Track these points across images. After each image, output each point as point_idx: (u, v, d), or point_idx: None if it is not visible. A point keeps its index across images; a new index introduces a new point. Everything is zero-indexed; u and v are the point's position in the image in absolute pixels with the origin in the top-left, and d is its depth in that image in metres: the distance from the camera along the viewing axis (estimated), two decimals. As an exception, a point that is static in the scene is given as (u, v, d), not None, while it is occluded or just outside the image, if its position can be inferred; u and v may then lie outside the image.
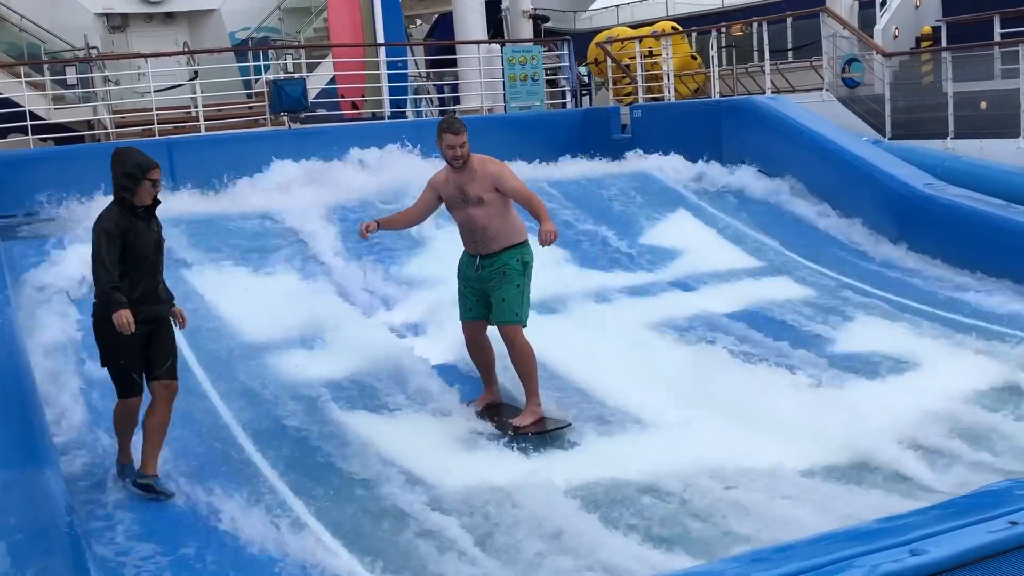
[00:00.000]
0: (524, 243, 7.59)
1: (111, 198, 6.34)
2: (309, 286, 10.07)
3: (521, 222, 7.65)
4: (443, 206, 7.75)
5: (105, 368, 6.43)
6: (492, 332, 7.77)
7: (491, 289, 7.52)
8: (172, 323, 6.53)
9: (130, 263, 6.20)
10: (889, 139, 14.41)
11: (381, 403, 7.85)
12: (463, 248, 7.74)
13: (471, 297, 7.67)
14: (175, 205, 10.51)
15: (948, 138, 13.80)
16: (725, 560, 4.89)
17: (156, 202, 6.38)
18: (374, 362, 8.40)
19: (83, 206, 10.88)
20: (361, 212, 11.45)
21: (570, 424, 7.49)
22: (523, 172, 13.44)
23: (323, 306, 9.41)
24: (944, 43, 15.63)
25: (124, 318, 6.06)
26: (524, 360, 7.53)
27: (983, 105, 13.84)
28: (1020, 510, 4.17)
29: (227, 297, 9.60)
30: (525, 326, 7.59)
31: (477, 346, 7.80)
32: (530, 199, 7.46)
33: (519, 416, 7.50)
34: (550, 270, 10.75)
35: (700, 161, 14.16)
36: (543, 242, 7.22)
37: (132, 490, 6.35)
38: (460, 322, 7.84)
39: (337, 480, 6.74)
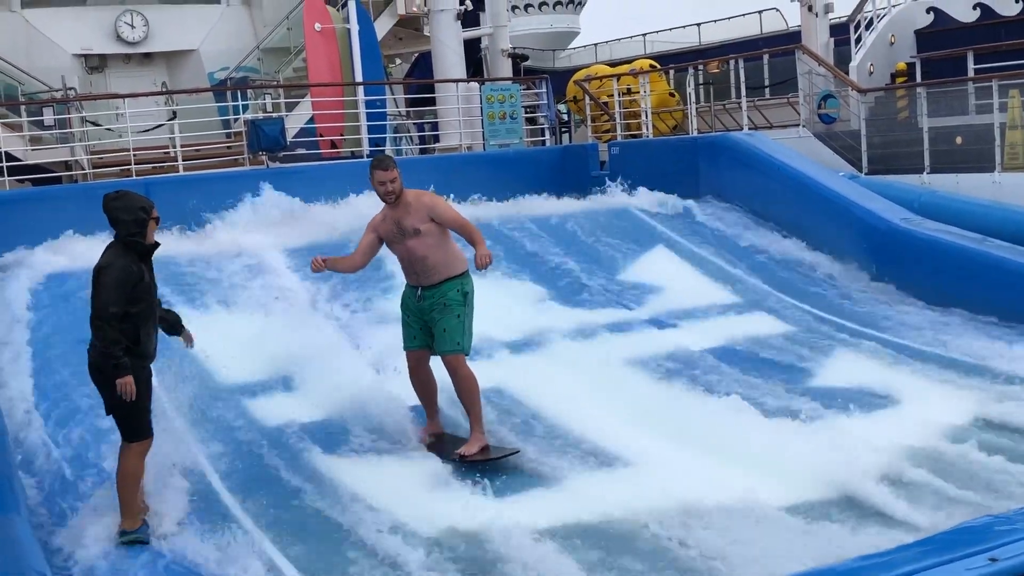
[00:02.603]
0: (464, 274, 7.72)
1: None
2: (284, 324, 9.97)
3: (460, 253, 7.78)
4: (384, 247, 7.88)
5: (110, 415, 6.34)
6: (436, 364, 7.82)
7: (433, 320, 7.64)
8: None
9: (143, 313, 6.20)
10: (866, 174, 14.48)
11: (357, 444, 7.79)
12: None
13: (414, 326, 7.79)
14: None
15: (924, 173, 13.87)
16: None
17: (157, 243, 6.42)
18: (351, 402, 8.31)
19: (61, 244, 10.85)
20: (336, 250, 11.39)
21: (518, 451, 7.58)
22: (502, 209, 13.52)
23: (298, 345, 9.32)
24: (919, 79, 15.76)
25: (130, 387, 6.06)
26: (467, 389, 7.63)
27: (958, 140, 13.93)
28: (1000, 546, 4.15)
29: (204, 337, 9.49)
30: (467, 355, 7.71)
31: (419, 376, 7.91)
32: (465, 226, 7.64)
33: (465, 445, 7.56)
34: (528, 306, 10.78)
35: (678, 197, 14.19)
36: (479, 265, 7.38)
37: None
38: (403, 352, 7.92)
39: (311, 522, 6.67)
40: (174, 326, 6.83)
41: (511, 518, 6.47)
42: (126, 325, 6.09)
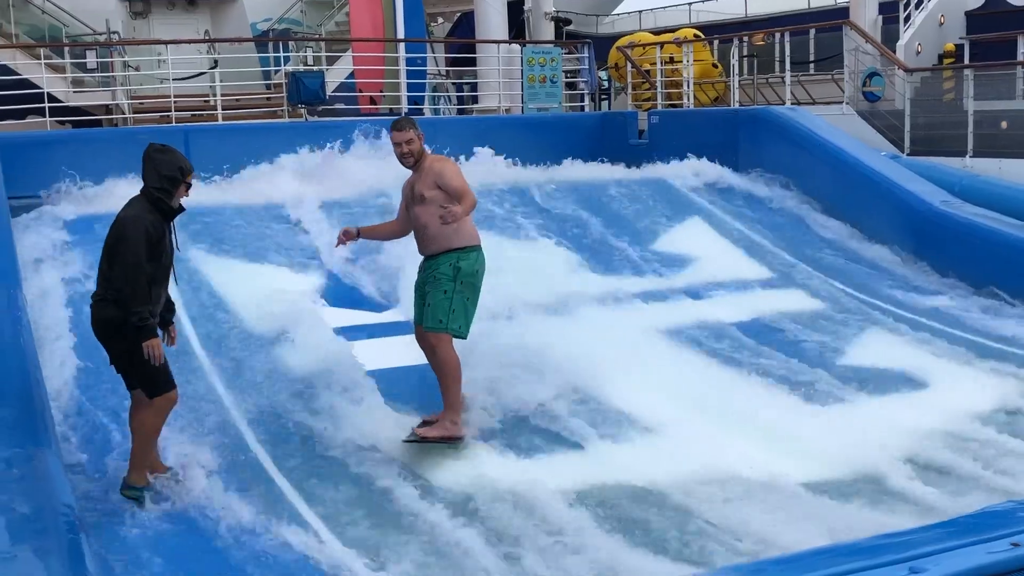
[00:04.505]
0: (465, 249, 7.22)
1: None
2: (308, 280, 9.98)
3: (468, 227, 7.29)
4: None
5: (122, 373, 6.20)
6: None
7: (426, 293, 7.25)
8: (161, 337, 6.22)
9: (155, 275, 6.02)
10: (908, 155, 14.33)
11: (390, 403, 7.80)
12: None
13: (416, 297, 7.46)
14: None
15: (967, 156, 13.72)
16: (722, 570, 4.86)
17: (182, 207, 6.27)
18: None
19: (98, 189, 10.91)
20: (370, 207, 11.41)
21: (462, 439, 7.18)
22: (537, 174, 13.47)
23: (313, 303, 9.31)
24: (967, 61, 15.55)
25: (157, 350, 5.93)
26: (443, 371, 7.19)
27: (1003, 124, 13.75)
28: (1022, 532, 4.12)
29: (233, 288, 9.54)
30: (460, 336, 7.22)
31: (423, 348, 7.44)
32: (464, 194, 7.09)
33: (427, 426, 7.16)
34: (560, 271, 10.75)
35: (716, 169, 14.09)
36: (440, 217, 6.94)
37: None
38: None
39: (341, 479, 6.72)
40: (164, 315, 6.35)
41: (537, 481, 6.52)
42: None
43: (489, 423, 7.54)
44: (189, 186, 6.19)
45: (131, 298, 5.87)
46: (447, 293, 7.13)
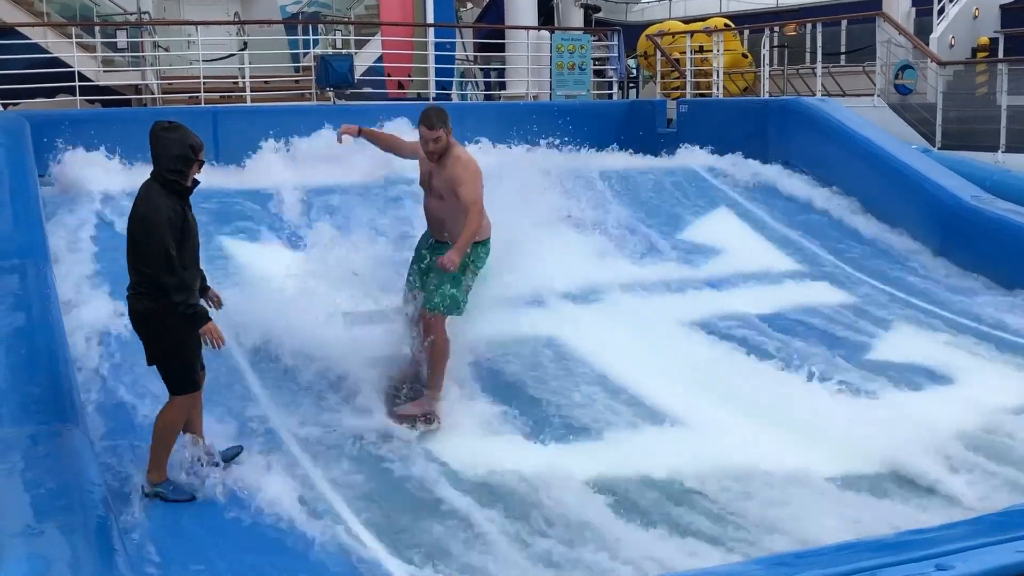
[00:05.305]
0: (478, 242, 7.33)
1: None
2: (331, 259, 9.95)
3: (485, 221, 7.36)
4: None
5: (154, 366, 6.06)
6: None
7: (430, 271, 7.39)
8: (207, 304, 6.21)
9: (187, 258, 5.87)
10: (939, 149, 14.19)
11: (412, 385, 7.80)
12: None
13: (414, 267, 7.62)
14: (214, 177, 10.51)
15: (999, 151, 13.57)
16: (746, 562, 4.85)
17: (197, 182, 6.03)
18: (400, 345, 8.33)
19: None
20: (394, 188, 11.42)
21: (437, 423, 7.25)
22: (565, 161, 13.43)
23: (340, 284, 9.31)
24: (1001, 55, 15.37)
25: (216, 332, 5.83)
26: (435, 351, 7.33)
27: (1037, 120, 13.61)
28: (1051, 531, 4.09)
29: (260, 267, 9.55)
30: (459, 312, 7.38)
31: (417, 323, 7.52)
32: (469, 213, 7.07)
33: (411, 403, 7.33)
34: (586, 259, 10.72)
35: (744, 159, 14.01)
36: (438, 264, 7.02)
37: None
38: None
39: (361, 461, 6.73)
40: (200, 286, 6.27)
41: (558, 467, 6.51)
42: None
43: (510, 409, 7.53)
44: (202, 163, 5.96)
45: (172, 290, 5.73)
46: (456, 279, 7.27)
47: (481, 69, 20.03)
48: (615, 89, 17.76)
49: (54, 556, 4.29)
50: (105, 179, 10.94)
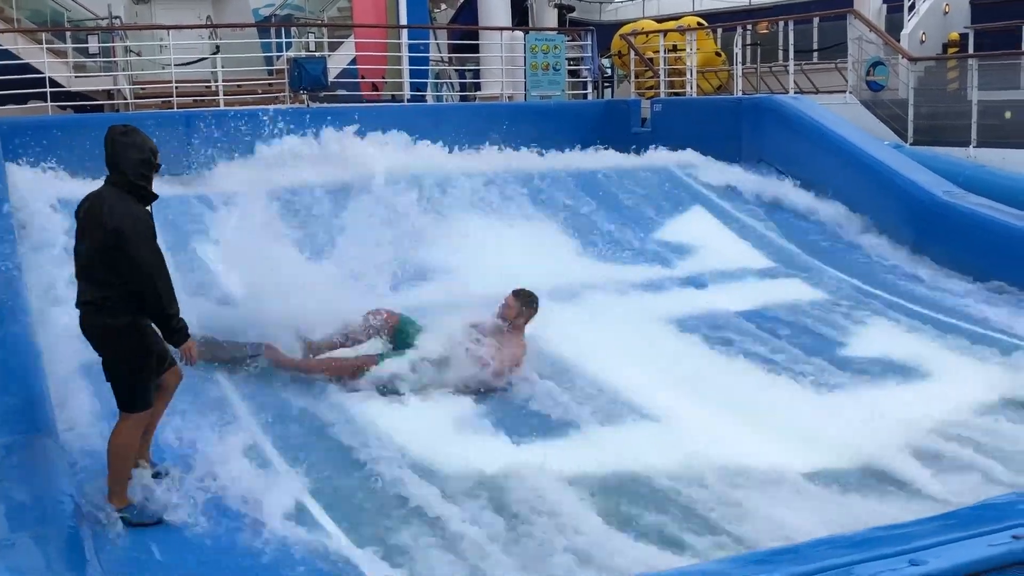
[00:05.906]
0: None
1: None
2: (313, 266, 9.92)
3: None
4: None
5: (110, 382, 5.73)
6: None
7: None
8: None
9: None
10: (911, 144, 14.27)
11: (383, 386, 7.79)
12: None
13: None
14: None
15: (971, 146, 13.66)
16: (722, 560, 4.85)
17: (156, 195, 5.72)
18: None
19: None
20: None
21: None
22: (540, 161, 13.45)
23: (330, 288, 9.30)
24: (971, 50, 15.47)
25: (196, 351, 5.68)
26: None
27: (1007, 115, 13.69)
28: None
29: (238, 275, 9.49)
30: None
31: None
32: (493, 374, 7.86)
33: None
34: (562, 259, 10.74)
35: (718, 158, 14.05)
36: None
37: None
38: None
39: (336, 459, 6.71)
40: None
41: (534, 463, 6.50)
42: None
43: (487, 408, 7.52)
44: (159, 167, 5.70)
45: (165, 300, 5.48)
46: None
47: (456, 70, 20.00)
48: (589, 89, 17.77)
49: (26, 567, 4.26)
50: (77, 186, 10.83)
